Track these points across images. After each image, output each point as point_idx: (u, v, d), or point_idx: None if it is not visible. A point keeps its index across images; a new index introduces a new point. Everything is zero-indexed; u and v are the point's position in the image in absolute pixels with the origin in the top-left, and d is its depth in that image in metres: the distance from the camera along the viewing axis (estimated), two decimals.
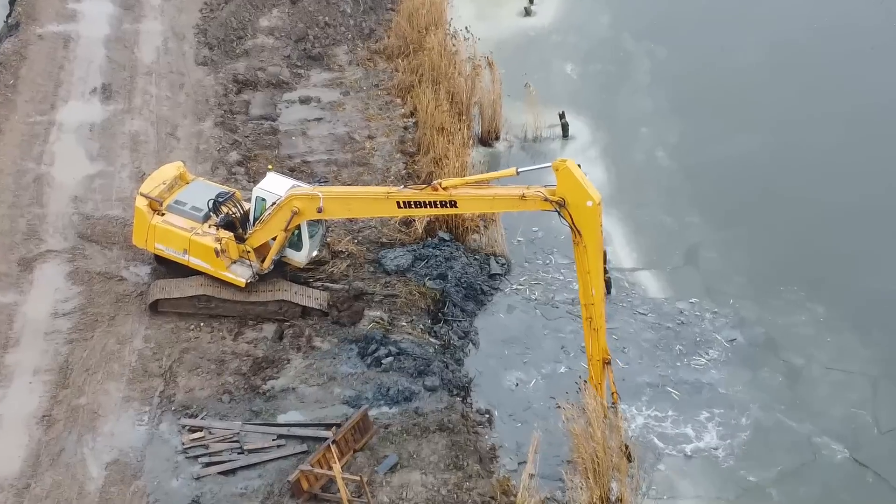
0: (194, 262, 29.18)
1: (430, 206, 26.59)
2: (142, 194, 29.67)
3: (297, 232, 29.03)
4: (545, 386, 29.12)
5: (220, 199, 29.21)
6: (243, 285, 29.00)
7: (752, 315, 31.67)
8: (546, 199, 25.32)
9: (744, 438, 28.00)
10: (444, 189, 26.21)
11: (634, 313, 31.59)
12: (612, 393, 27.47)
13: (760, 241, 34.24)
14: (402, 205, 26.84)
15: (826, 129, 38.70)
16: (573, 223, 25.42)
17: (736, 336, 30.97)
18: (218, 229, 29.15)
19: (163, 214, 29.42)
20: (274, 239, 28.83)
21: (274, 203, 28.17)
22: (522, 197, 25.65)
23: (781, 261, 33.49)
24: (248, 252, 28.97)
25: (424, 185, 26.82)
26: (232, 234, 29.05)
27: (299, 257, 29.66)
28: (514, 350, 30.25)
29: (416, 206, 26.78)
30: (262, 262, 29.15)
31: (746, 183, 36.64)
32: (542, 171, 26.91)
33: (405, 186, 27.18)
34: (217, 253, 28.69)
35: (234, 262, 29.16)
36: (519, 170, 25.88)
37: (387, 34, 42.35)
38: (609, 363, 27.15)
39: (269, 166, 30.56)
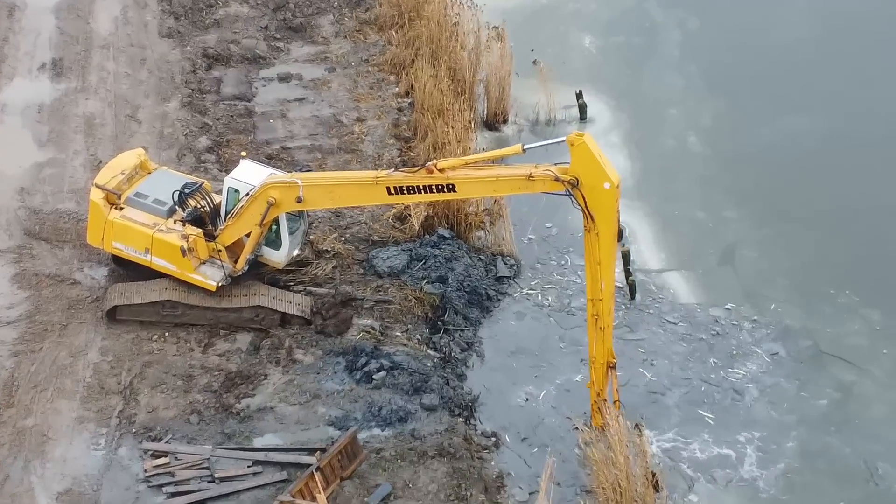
0: (157, 262, 29.35)
1: (425, 192, 26.75)
2: (97, 186, 29.83)
3: (274, 227, 29.18)
4: (560, 405, 29.27)
5: (187, 191, 29.38)
6: (214, 289, 29.17)
7: (797, 323, 31.86)
8: (557, 179, 25.49)
9: (787, 466, 28.14)
10: (440, 171, 26.39)
11: (663, 322, 31.78)
12: (615, 401, 27.64)
13: (807, 239, 34.42)
14: (392, 191, 26.97)
15: (884, 112, 38.86)
16: (586, 207, 25.58)
17: (778, 348, 31.13)
18: (184, 225, 29.32)
19: (121, 209, 29.60)
20: (248, 236, 28.99)
21: (248, 194, 28.35)
22: (530, 177, 25.83)
23: (832, 261, 33.68)
24: (220, 251, 29.14)
25: (418, 168, 26.98)
26: (200, 230, 29.22)
27: (278, 257, 29.84)
28: (525, 364, 30.41)
29: (408, 192, 26.91)
30: (236, 262, 29.32)
31: (792, 172, 36.80)
32: (551, 151, 26.95)
33: (396, 169, 27.39)
34: (184, 252, 28.87)
35: (204, 263, 29.33)
36: (525, 146, 26.08)
37: (378, 2, 42.53)
38: (614, 367, 27.36)
39: (243, 153, 30.74)
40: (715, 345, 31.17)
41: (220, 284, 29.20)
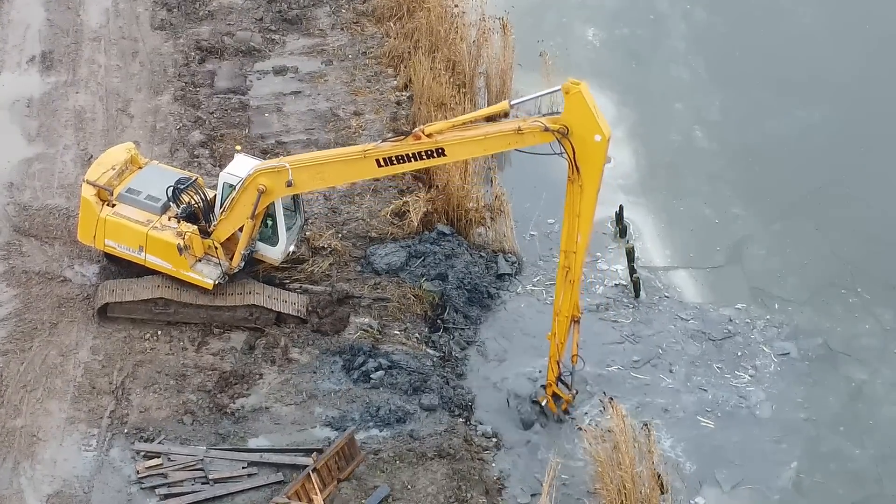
0: (152, 260, 29.44)
1: (415, 159, 27.15)
2: (88, 182, 29.91)
3: (270, 223, 29.30)
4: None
5: (181, 187, 29.48)
6: (210, 287, 29.29)
7: (806, 322, 31.93)
8: (546, 130, 25.72)
9: (796, 467, 28.24)
10: (427, 136, 26.73)
11: (672, 319, 31.83)
12: (573, 355, 28.22)
13: (817, 236, 34.50)
14: (382, 162, 27.34)
15: None
16: (574, 158, 25.83)
17: (788, 347, 31.21)
18: (179, 222, 29.41)
19: (113, 205, 29.68)
20: (241, 231, 29.11)
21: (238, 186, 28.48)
22: (518, 131, 26.10)
23: (842, 259, 33.75)
24: (216, 248, 29.26)
25: (405, 135, 27.28)
26: (196, 227, 29.31)
27: (274, 253, 29.95)
28: (527, 363, 30.49)
29: (398, 162, 27.30)
30: (231, 258, 29.44)
31: (801, 168, 36.87)
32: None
33: (383, 140, 27.70)
34: (180, 250, 28.97)
35: (199, 261, 29.43)
36: (512, 102, 26.46)
37: None
38: (578, 321, 27.95)
39: (238, 147, 30.85)
40: (723, 343, 31.26)
41: (217, 282, 29.31)
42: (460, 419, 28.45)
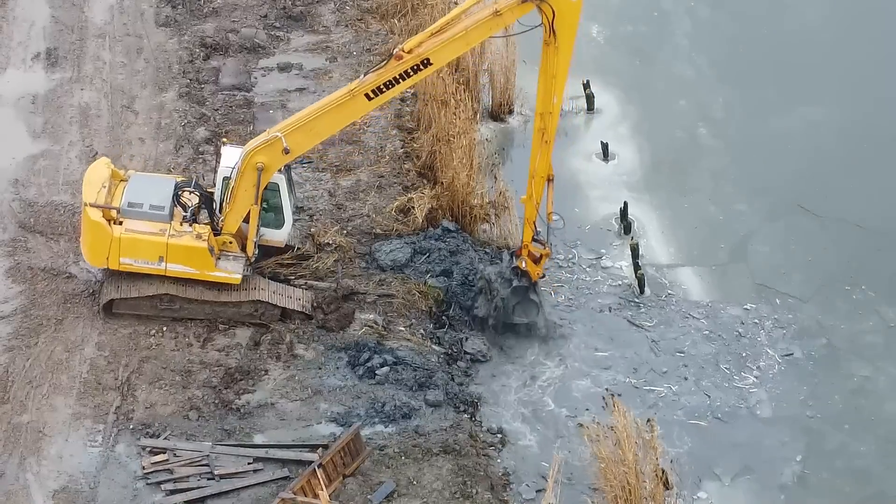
0: (174, 269, 29.10)
1: (402, 79, 27.67)
2: (90, 205, 29.13)
3: (266, 206, 29.32)
4: (568, 401, 29.44)
5: (189, 190, 29.41)
6: (238, 282, 29.32)
7: (810, 319, 31.96)
8: (524, 1, 26.78)
9: (801, 464, 28.28)
10: (408, 53, 27.24)
11: (677, 315, 31.88)
12: (549, 214, 29.68)
13: (821, 233, 34.56)
14: (371, 95, 27.76)
15: None
16: (552, 22, 27.12)
17: (792, 345, 31.25)
18: (191, 224, 29.36)
19: (120, 223, 29.22)
20: (246, 222, 29.18)
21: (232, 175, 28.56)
22: (496, 13, 27.03)
23: (846, 256, 33.80)
24: (230, 242, 29.32)
25: (385, 61, 27.72)
26: (208, 226, 29.35)
27: (280, 235, 30.06)
28: (532, 359, 30.54)
29: (387, 88, 27.76)
30: (244, 249, 29.53)
31: (805, 164, 36.90)
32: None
33: (366, 75, 27.99)
34: (212, 251, 28.94)
35: (219, 259, 29.42)
36: None
37: None
38: (552, 181, 29.37)
39: (224, 139, 30.89)
40: (729, 340, 31.28)
41: (245, 275, 29.34)
42: (465, 415, 28.49)
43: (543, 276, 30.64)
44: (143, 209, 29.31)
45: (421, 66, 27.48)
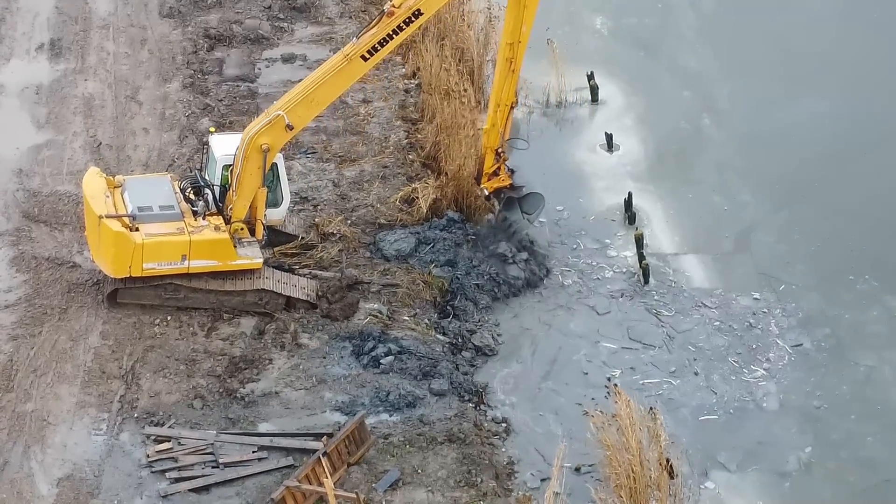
0: (197, 265, 29.06)
1: (396, 34, 28.15)
2: (107, 217, 28.72)
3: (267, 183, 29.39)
4: (573, 389, 29.38)
5: (199, 185, 29.44)
6: (261, 265, 29.42)
7: (815, 310, 31.88)
8: None
9: (808, 452, 28.20)
10: (398, 7, 27.77)
11: (698, 305, 31.78)
12: (505, 140, 31.49)
13: (826, 224, 34.52)
14: (367, 55, 28.17)
15: None
16: None
17: (796, 335, 31.17)
18: (205, 217, 29.32)
19: (136, 229, 28.99)
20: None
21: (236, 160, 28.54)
22: None
23: (851, 246, 33.76)
24: (242, 228, 29.40)
25: (378, 19, 28.12)
26: (220, 216, 29.38)
27: (279, 214, 30.20)
28: (535, 349, 30.50)
29: (381, 46, 28.23)
30: (254, 234, 29.62)
31: (809, 155, 36.89)
32: None
33: (358, 37, 28.32)
34: (235, 242, 29.07)
35: (236, 248, 29.43)
36: None
37: None
38: (513, 107, 31.12)
39: (211, 129, 30.98)
40: (732, 331, 31.20)
41: (266, 258, 29.68)
42: (470, 404, 28.44)
43: (513, 173, 32.66)
44: (155, 211, 29.26)
45: (412, 18, 28.00)
